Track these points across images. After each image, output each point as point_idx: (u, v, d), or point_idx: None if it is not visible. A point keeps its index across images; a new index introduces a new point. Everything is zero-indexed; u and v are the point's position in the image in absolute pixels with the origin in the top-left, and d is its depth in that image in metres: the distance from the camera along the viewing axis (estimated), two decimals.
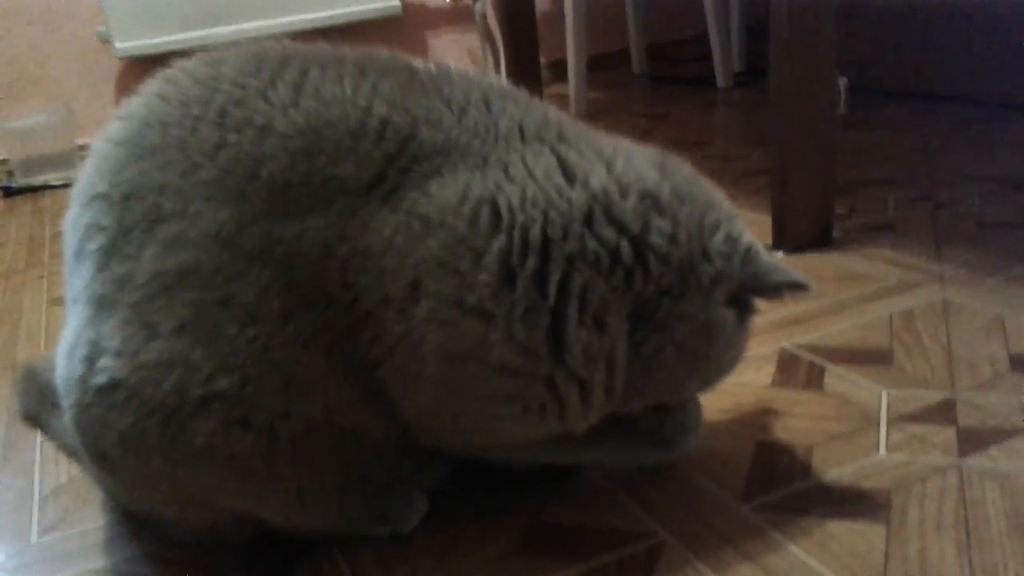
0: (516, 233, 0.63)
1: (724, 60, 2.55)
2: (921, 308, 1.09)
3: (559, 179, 0.66)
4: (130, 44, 2.48)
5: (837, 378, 0.95)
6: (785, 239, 1.31)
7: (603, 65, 2.91)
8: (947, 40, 2.10)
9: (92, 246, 0.68)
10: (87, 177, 0.70)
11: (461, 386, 0.66)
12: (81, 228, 0.69)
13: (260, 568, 0.74)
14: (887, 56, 2.23)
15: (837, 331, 1.06)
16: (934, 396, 0.90)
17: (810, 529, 0.72)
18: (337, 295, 0.65)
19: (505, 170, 0.66)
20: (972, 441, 0.82)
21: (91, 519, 0.84)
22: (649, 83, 2.79)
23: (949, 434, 0.83)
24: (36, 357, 1.22)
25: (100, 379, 0.65)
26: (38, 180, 2.32)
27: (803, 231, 1.30)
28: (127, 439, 0.65)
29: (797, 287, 0.69)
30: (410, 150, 0.66)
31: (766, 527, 0.73)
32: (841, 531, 0.72)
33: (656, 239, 0.66)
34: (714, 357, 0.69)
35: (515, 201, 0.64)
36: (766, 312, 1.12)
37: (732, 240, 0.68)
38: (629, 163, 0.68)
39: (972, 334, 1.01)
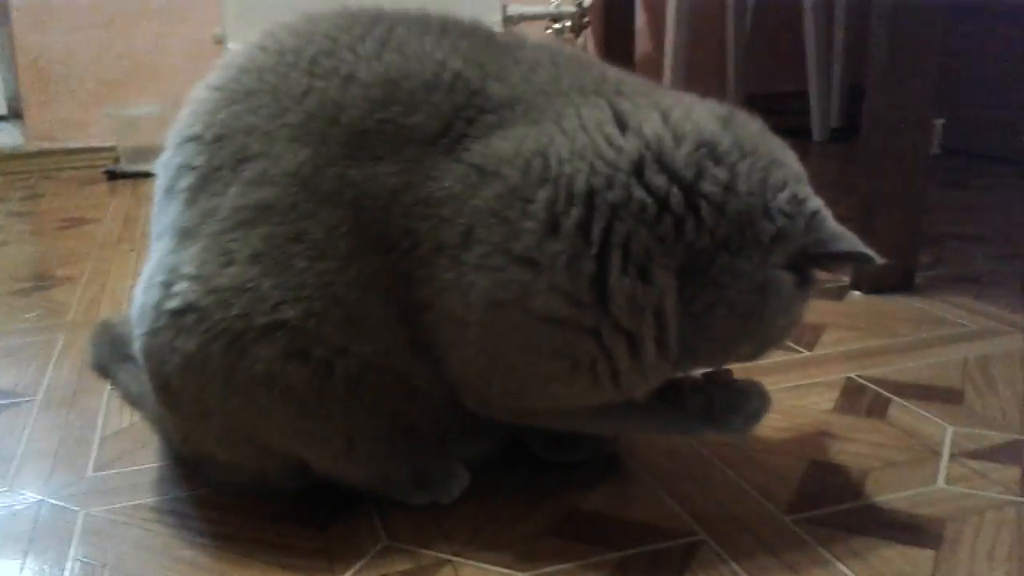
0: (562, 183, 0.64)
1: (821, 113, 2.52)
2: (999, 355, 1.05)
3: (611, 129, 0.66)
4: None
5: (902, 410, 0.92)
6: (864, 278, 1.28)
7: None
8: None
9: (182, 184, 0.71)
10: (183, 120, 0.74)
11: (506, 337, 0.66)
12: (173, 168, 0.73)
13: (300, 520, 0.75)
14: (991, 120, 2.18)
15: (908, 368, 1.03)
16: (1001, 437, 0.86)
17: (856, 548, 0.70)
18: (399, 240, 0.66)
19: (559, 123, 0.66)
20: None
21: (145, 461, 0.87)
22: None
23: (1012, 473, 0.80)
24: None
25: (174, 303, 0.68)
26: (141, 167, 2.42)
27: (884, 271, 1.27)
28: (190, 363, 0.67)
29: (862, 258, 0.66)
30: (477, 102, 0.67)
31: (811, 541, 0.71)
32: (889, 553, 0.69)
33: (710, 187, 0.64)
34: (768, 320, 0.67)
35: (564, 153, 0.65)
36: (835, 342, 1.11)
37: (797, 201, 0.66)
38: (688, 114, 0.67)
39: None
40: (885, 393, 0.96)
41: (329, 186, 0.67)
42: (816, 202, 0.68)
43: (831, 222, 0.67)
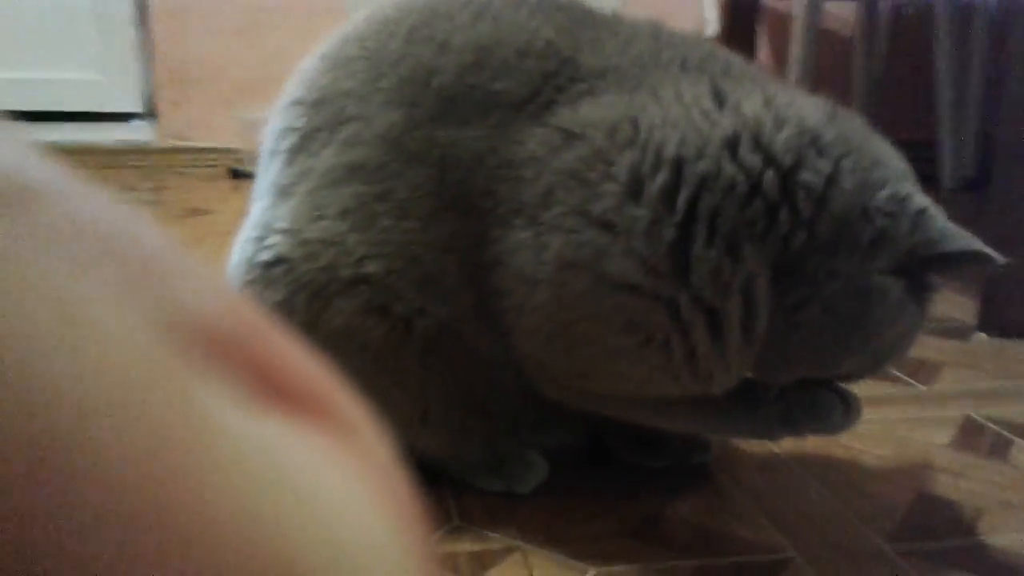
0: (650, 148, 0.61)
1: (952, 160, 2.41)
2: None
3: (708, 103, 0.63)
4: None
5: None
6: (990, 321, 1.19)
7: None
8: None
9: (284, 145, 0.73)
10: (290, 87, 0.75)
11: (576, 302, 0.63)
12: (277, 131, 0.74)
13: None
14: None
15: None
16: None
17: None
18: (479, 200, 0.66)
19: (654, 93, 0.64)
20: None
21: None
22: None
23: None
24: None
25: (266, 255, 0.68)
26: None
27: (1013, 316, 1.18)
28: (277, 313, 0.67)
29: (980, 258, 0.61)
30: (567, 71, 0.66)
31: (911, 573, 0.65)
32: None
33: (811, 177, 0.60)
34: (872, 330, 0.62)
35: (656, 120, 0.62)
36: (954, 380, 1.03)
37: (899, 200, 0.61)
38: (792, 101, 0.64)
39: None
40: (1007, 434, 0.89)
41: (416, 147, 0.67)
42: (922, 200, 0.62)
43: (941, 220, 0.62)
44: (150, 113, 2.73)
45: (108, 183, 0.10)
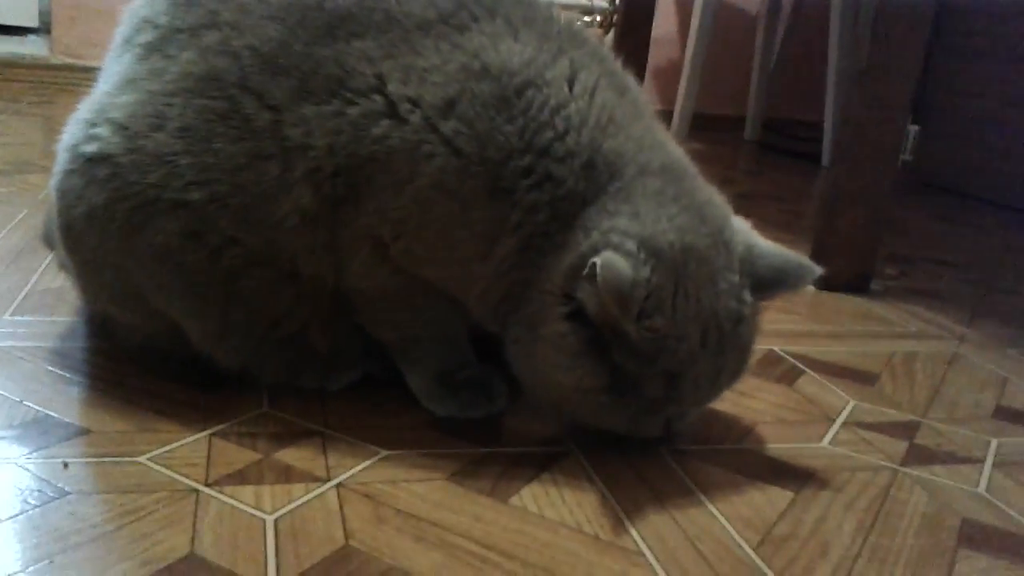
0: (537, 120, 0.66)
1: (831, 141, 2.52)
2: (928, 354, 1.05)
3: (601, 117, 0.68)
4: None
5: (811, 382, 0.93)
6: None
7: (716, 126, 2.90)
8: None
9: (140, 38, 0.71)
10: None
11: (434, 211, 0.67)
12: (137, 19, 0.73)
13: (191, 380, 0.76)
14: (986, 166, 2.17)
15: (832, 351, 1.03)
16: (901, 416, 0.87)
17: (718, 480, 0.71)
18: (356, 85, 0.67)
19: (570, 81, 0.68)
20: (919, 456, 0.78)
21: (62, 315, 0.88)
22: (756, 149, 2.78)
23: (899, 446, 0.80)
24: None
25: (91, 148, 0.68)
26: None
27: (840, 269, 1.26)
28: (95, 215, 0.69)
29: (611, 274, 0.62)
30: (486, 5, 0.69)
31: (676, 467, 0.72)
32: (748, 488, 0.70)
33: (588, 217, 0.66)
34: (541, 370, 0.69)
35: (554, 100, 0.67)
36: (767, 321, 1.10)
37: (606, 231, 0.65)
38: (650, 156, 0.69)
39: (968, 383, 0.97)
40: (800, 366, 0.97)
41: (287, 62, 0.67)
42: (607, 257, 0.62)
43: (618, 259, 0.62)
44: (45, 29, 2.66)
45: None
